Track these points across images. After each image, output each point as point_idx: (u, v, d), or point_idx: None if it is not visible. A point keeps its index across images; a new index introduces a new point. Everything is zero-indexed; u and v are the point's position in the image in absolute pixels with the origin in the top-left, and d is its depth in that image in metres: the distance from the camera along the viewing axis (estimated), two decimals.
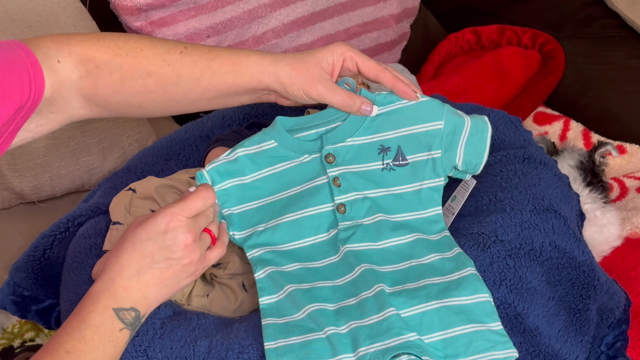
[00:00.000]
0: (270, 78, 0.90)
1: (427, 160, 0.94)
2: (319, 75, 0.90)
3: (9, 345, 1.23)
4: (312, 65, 0.90)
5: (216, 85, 0.90)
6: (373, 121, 0.94)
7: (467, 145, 0.94)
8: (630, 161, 1.52)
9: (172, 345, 0.84)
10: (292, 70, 0.89)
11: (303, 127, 0.96)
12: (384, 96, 0.94)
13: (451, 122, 0.94)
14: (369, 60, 0.92)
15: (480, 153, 0.95)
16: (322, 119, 0.95)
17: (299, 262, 0.92)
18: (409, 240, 0.92)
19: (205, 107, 0.94)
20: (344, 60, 0.92)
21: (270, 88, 0.91)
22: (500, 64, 1.67)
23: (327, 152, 0.94)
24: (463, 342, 0.81)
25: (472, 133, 0.94)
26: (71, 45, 0.86)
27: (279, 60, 0.90)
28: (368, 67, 0.92)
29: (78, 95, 0.87)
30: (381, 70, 0.92)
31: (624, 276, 1.22)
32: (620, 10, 1.71)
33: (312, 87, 0.90)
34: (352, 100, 0.91)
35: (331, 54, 0.91)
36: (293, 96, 0.91)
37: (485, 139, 0.95)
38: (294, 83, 0.90)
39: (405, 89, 0.93)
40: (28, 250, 1.10)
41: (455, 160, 0.94)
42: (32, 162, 1.32)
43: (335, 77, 0.93)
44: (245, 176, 0.96)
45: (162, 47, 0.89)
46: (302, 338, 0.83)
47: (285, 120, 0.96)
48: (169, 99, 0.91)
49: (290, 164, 0.95)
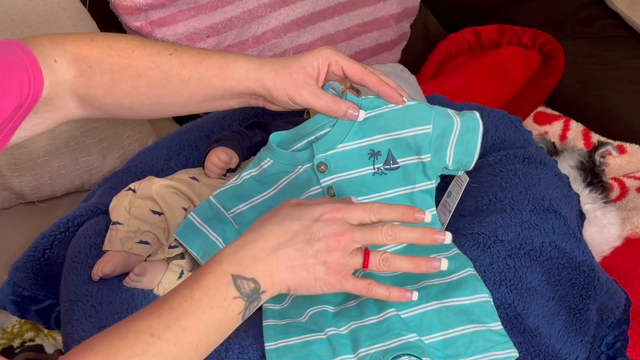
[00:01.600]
0: (256, 83, 0.88)
1: (417, 164, 0.93)
2: (303, 80, 0.88)
3: (9, 345, 1.23)
4: (296, 70, 0.88)
5: (203, 88, 0.89)
6: (361, 125, 0.93)
7: (457, 145, 0.93)
8: (630, 161, 1.52)
9: None
10: (277, 75, 0.88)
11: (295, 139, 0.95)
12: (371, 100, 0.93)
13: (439, 125, 0.93)
14: (355, 63, 0.90)
15: (471, 152, 0.94)
16: (311, 126, 0.94)
17: None
18: (406, 245, 0.92)
19: (194, 110, 0.93)
20: (330, 64, 0.90)
21: (256, 93, 0.90)
22: (500, 64, 1.67)
23: (319, 161, 0.93)
24: (463, 343, 0.81)
25: (462, 133, 0.93)
26: (66, 44, 0.86)
27: (264, 65, 0.89)
28: (353, 71, 0.90)
29: (72, 94, 0.87)
30: (367, 73, 0.90)
31: (624, 276, 1.22)
32: (620, 10, 1.71)
33: (296, 92, 0.88)
34: (337, 105, 0.90)
35: (316, 58, 0.89)
36: (278, 101, 0.90)
37: (476, 138, 0.93)
38: (278, 88, 0.88)
39: (391, 93, 0.91)
40: (28, 250, 1.10)
41: (445, 160, 0.94)
42: (32, 162, 1.32)
43: (321, 81, 0.91)
44: (254, 198, 0.95)
45: (152, 48, 0.89)
46: (302, 338, 0.83)
47: (277, 135, 0.95)
48: (158, 101, 0.90)
49: (289, 178, 0.95)
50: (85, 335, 0.93)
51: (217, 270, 0.74)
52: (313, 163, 0.93)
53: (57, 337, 1.23)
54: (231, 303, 0.73)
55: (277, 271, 0.75)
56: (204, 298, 0.72)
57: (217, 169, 1.09)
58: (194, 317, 0.71)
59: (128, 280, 0.99)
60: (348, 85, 0.94)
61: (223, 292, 0.73)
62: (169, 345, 0.69)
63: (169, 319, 0.70)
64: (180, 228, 0.96)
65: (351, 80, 0.92)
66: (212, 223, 0.95)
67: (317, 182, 0.94)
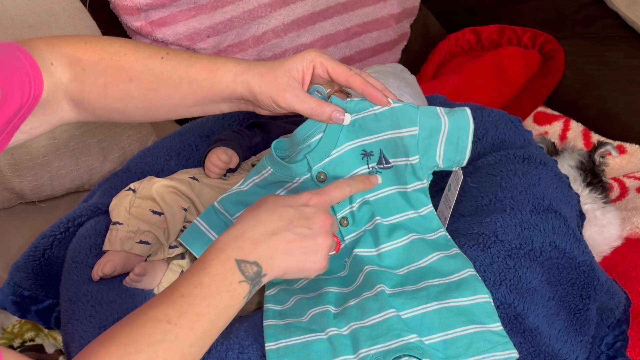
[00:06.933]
0: (243, 87, 0.88)
1: (406, 166, 0.93)
2: (287, 84, 0.88)
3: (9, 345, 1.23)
4: (280, 73, 0.88)
5: (193, 92, 0.89)
6: (351, 127, 0.92)
7: (447, 144, 0.92)
8: (630, 161, 1.52)
9: None
10: (262, 79, 0.87)
11: (292, 148, 0.94)
12: (356, 102, 0.92)
13: (426, 126, 0.92)
14: (339, 65, 0.90)
15: (462, 150, 0.92)
16: (303, 133, 0.93)
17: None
18: (406, 243, 0.92)
19: (185, 114, 0.93)
20: (314, 67, 0.89)
21: (243, 97, 0.89)
22: (500, 64, 1.67)
23: (317, 171, 0.93)
24: (463, 343, 0.81)
25: (452, 132, 0.92)
26: (62, 47, 0.86)
27: (250, 69, 0.88)
28: (338, 73, 0.89)
29: (68, 98, 0.87)
30: (351, 75, 0.89)
31: (624, 276, 1.22)
32: (620, 10, 1.72)
33: (279, 96, 0.87)
34: (321, 108, 0.89)
35: (301, 62, 0.89)
36: (264, 105, 0.89)
37: (466, 136, 0.92)
38: (263, 92, 0.88)
39: (376, 94, 0.90)
40: (28, 250, 1.10)
41: (435, 159, 0.93)
42: (32, 162, 1.32)
43: (306, 84, 0.90)
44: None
45: (144, 52, 0.89)
46: (303, 338, 0.83)
47: (277, 143, 0.95)
48: (150, 105, 0.90)
49: (288, 188, 0.95)
50: (86, 335, 0.93)
51: (220, 257, 0.76)
52: (312, 174, 0.93)
53: (57, 337, 1.23)
54: (237, 287, 0.75)
55: (277, 254, 0.78)
56: (212, 284, 0.74)
57: (217, 169, 1.09)
58: (204, 302, 0.73)
59: (128, 280, 0.99)
60: (337, 88, 0.93)
61: (229, 277, 0.75)
62: (185, 331, 0.71)
63: (182, 305, 0.72)
64: (186, 233, 0.96)
65: (336, 82, 0.91)
66: (218, 229, 0.95)
67: None
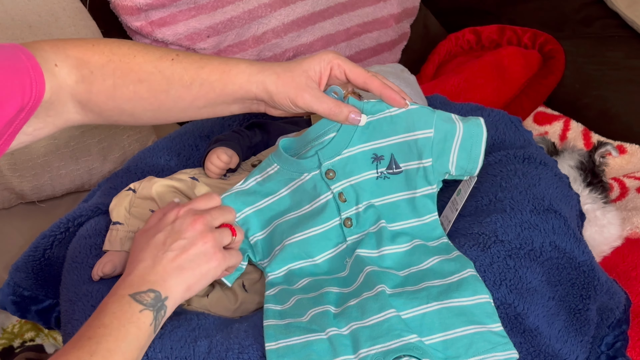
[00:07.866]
0: (258, 87, 0.89)
1: (418, 169, 0.93)
2: (306, 84, 0.88)
3: (9, 345, 1.23)
4: (298, 73, 0.89)
5: (205, 93, 0.89)
6: (365, 129, 0.93)
7: (460, 151, 0.93)
8: (630, 161, 1.52)
9: (172, 345, 0.84)
10: (279, 79, 0.88)
11: (301, 145, 0.95)
12: (373, 104, 0.92)
13: (441, 129, 0.92)
14: (357, 67, 0.91)
15: (475, 158, 0.94)
16: (317, 131, 0.93)
17: (309, 277, 0.93)
18: (408, 248, 0.92)
19: (195, 115, 0.93)
20: (332, 68, 0.90)
21: (257, 97, 0.90)
22: (500, 64, 1.67)
23: (327, 168, 0.93)
24: (464, 344, 0.81)
25: (465, 139, 0.93)
26: (67, 49, 0.86)
27: (266, 69, 0.89)
28: (356, 75, 0.90)
29: (74, 100, 0.87)
30: (369, 77, 0.90)
31: (624, 276, 1.22)
32: (620, 10, 1.71)
33: (298, 96, 0.88)
34: (339, 108, 0.90)
35: (318, 62, 0.90)
36: (280, 105, 0.90)
37: (479, 144, 0.93)
38: (280, 92, 0.88)
39: (394, 96, 0.91)
40: (28, 251, 1.10)
41: (447, 166, 0.93)
42: (32, 162, 1.32)
43: (323, 85, 0.91)
44: (259, 202, 0.96)
45: (154, 54, 0.89)
46: (303, 338, 0.83)
47: (285, 141, 0.95)
48: (160, 107, 0.90)
49: (295, 184, 0.95)
50: None
51: (114, 298, 0.78)
52: (321, 170, 0.93)
53: (57, 337, 1.23)
54: (140, 316, 0.76)
55: (168, 276, 0.79)
56: (114, 321, 0.75)
57: (217, 169, 1.09)
58: (111, 338, 0.74)
59: None
60: (350, 89, 0.94)
61: (128, 310, 0.76)
62: None
63: (91, 346, 0.73)
64: None
65: (354, 84, 0.92)
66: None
67: (327, 189, 0.94)
